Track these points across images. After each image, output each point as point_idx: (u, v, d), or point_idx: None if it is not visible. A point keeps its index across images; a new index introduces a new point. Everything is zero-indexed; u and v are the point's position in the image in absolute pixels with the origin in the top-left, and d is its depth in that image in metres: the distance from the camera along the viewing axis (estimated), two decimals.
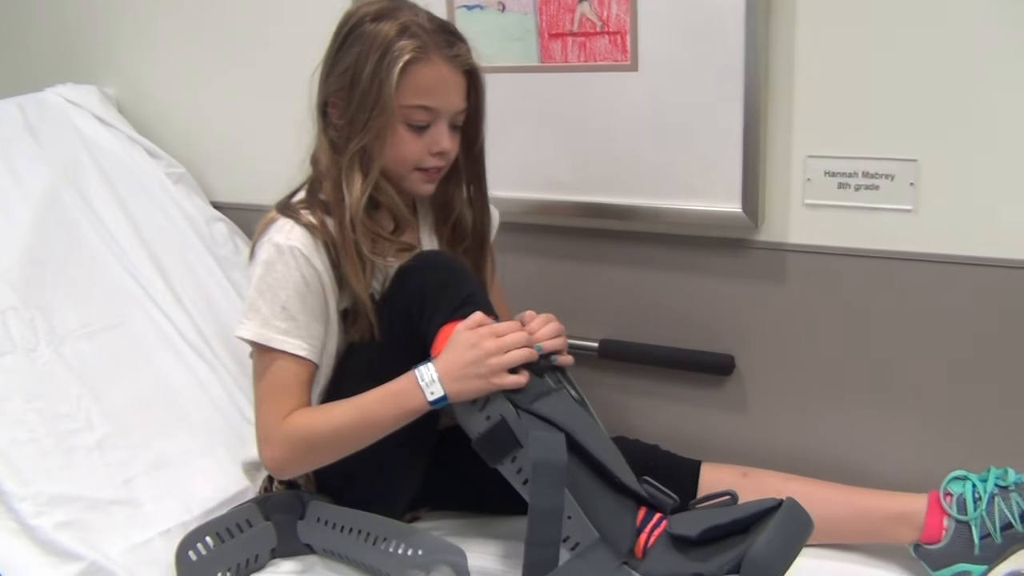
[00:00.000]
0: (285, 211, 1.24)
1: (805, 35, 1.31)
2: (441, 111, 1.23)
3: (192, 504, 1.38)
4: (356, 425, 1.17)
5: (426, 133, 1.23)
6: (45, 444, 1.36)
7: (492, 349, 1.12)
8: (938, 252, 1.32)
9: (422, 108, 1.21)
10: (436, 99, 1.22)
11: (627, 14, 1.38)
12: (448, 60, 1.21)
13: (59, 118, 1.86)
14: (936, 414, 1.38)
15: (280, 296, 1.20)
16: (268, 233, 1.23)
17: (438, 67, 1.21)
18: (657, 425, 1.58)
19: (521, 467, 1.13)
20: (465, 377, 1.12)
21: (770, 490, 1.26)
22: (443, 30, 1.23)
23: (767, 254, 1.43)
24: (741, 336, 1.49)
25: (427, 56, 1.19)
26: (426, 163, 1.25)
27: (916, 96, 1.27)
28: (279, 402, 1.21)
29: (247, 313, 1.22)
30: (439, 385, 1.13)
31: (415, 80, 1.19)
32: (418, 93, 1.20)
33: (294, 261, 1.19)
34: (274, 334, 1.20)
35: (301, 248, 1.20)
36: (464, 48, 1.24)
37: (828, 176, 1.35)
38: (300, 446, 1.20)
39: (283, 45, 1.75)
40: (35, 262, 1.58)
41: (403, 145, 1.23)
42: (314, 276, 1.21)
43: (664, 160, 1.44)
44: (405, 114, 1.21)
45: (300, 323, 1.21)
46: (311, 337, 1.22)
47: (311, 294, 1.21)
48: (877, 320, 1.38)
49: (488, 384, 1.12)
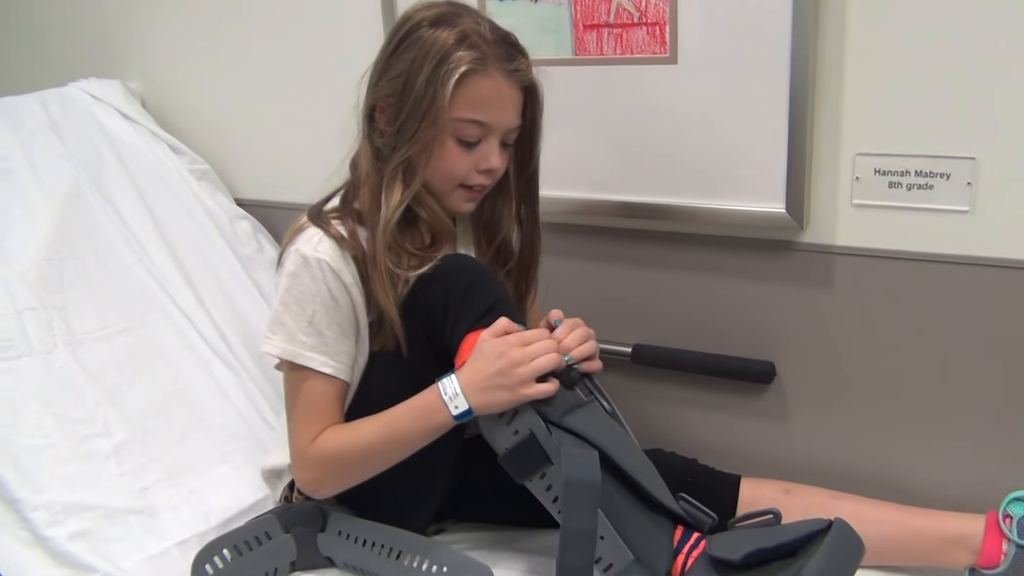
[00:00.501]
0: (316, 220, 1.19)
1: (856, 24, 1.24)
2: (494, 127, 1.17)
3: (210, 514, 1.35)
4: (384, 442, 1.13)
5: (476, 149, 1.18)
6: (61, 450, 1.33)
7: (519, 358, 1.06)
8: (996, 256, 1.24)
9: (475, 123, 1.15)
10: (490, 114, 1.16)
11: (666, 4, 1.31)
12: (507, 74, 1.15)
13: (82, 113, 1.83)
14: (994, 429, 1.30)
15: (307, 310, 1.15)
16: (296, 242, 1.18)
17: (496, 81, 1.14)
18: (692, 435, 1.52)
19: (551, 484, 1.07)
20: (490, 388, 1.06)
21: (815, 509, 1.22)
22: (504, 42, 1.17)
23: (812, 257, 1.36)
24: (783, 343, 1.43)
25: (485, 68, 1.13)
26: (472, 180, 1.20)
27: (975, 90, 1.20)
28: (310, 424, 1.18)
29: (272, 327, 1.17)
30: (463, 398, 1.07)
31: (471, 93, 1.13)
32: (472, 107, 1.14)
33: (321, 274, 1.14)
34: (301, 350, 1.16)
35: (329, 261, 1.15)
36: (524, 62, 1.18)
37: (878, 175, 1.28)
38: (331, 467, 1.17)
39: (311, 40, 1.71)
40: (54, 262, 1.55)
41: (450, 160, 1.17)
42: (342, 290, 1.16)
43: (703, 157, 1.37)
44: (456, 128, 1.15)
45: (327, 339, 1.16)
46: (339, 353, 1.17)
47: (339, 309, 1.16)
48: (929, 327, 1.31)
49: (515, 396, 1.06)
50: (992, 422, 1.30)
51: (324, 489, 1.20)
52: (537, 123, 1.23)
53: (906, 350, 1.33)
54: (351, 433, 1.16)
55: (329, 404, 1.18)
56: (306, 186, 1.80)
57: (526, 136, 1.24)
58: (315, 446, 1.16)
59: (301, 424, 1.18)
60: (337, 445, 1.16)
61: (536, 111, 1.22)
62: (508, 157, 1.23)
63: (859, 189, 1.30)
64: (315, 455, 1.16)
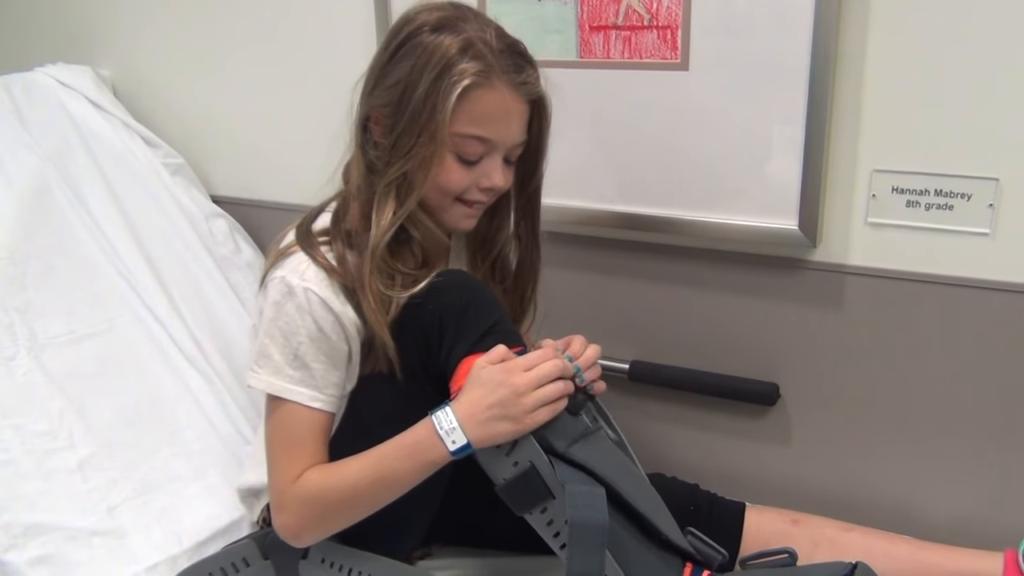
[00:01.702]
0: (304, 244, 1.10)
1: (878, 36, 1.18)
2: (498, 143, 1.09)
3: (183, 535, 1.27)
4: (373, 483, 1.04)
5: (477, 166, 1.10)
6: (22, 466, 1.24)
7: (522, 385, 0.98)
8: (1018, 281, 1.20)
9: (477, 139, 1.07)
10: (494, 130, 1.07)
11: (679, 7, 1.25)
12: (514, 87, 1.07)
13: (49, 101, 1.74)
14: (1010, 459, 1.26)
15: (292, 342, 1.07)
16: (281, 268, 1.09)
17: (501, 94, 1.06)
18: (691, 457, 1.47)
19: (552, 519, 1.00)
20: (491, 420, 0.98)
21: (824, 541, 1.19)
22: (512, 51, 1.08)
23: (824, 276, 1.31)
24: (787, 363, 1.38)
25: (490, 81, 1.04)
26: (471, 196, 1.12)
27: (1000, 108, 1.15)
28: (292, 460, 1.08)
29: (258, 360, 1.08)
30: (461, 432, 0.99)
31: (474, 107, 1.04)
32: (475, 122, 1.05)
33: (307, 304, 1.06)
34: (287, 384, 1.07)
35: (316, 290, 1.06)
36: (533, 74, 1.09)
37: (896, 193, 1.23)
38: (315, 509, 1.07)
39: (296, 30, 1.64)
40: (16, 260, 1.46)
41: (449, 176, 1.08)
42: (331, 321, 1.07)
43: (713, 169, 1.32)
44: (457, 143, 1.06)
45: (315, 372, 1.08)
46: (328, 386, 1.09)
47: (326, 340, 1.08)
48: (944, 353, 1.26)
49: (520, 426, 0.98)
50: (1008, 452, 1.26)
51: (305, 535, 1.10)
52: (544, 137, 1.15)
53: (919, 376, 1.29)
54: (338, 472, 1.06)
55: (313, 438, 1.09)
56: (286, 184, 1.75)
57: (531, 151, 1.16)
58: (297, 486, 1.07)
59: (282, 461, 1.09)
60: (321, 486, 1.06)
61: (543, 125, 1.14)
62: (511, 174, 1.15)
63: (875, 207, 1.25)
64: (297, 496, 1.07)
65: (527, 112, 1.11)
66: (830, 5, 1.16)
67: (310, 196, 1.20)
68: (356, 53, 1.54)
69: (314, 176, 1.19)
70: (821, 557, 1.16)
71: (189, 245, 1.66)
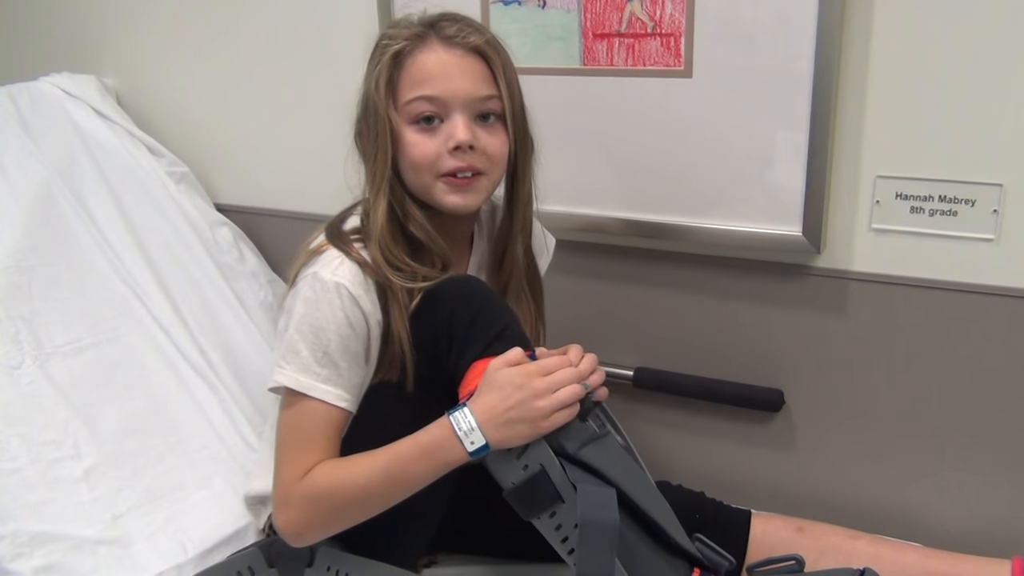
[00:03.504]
0: (336, 241, 1.10)
1: (881, 42, 1.19)
2: (447, 99, 1.07)
3: (188, 544, 1.26)
4: (385, 481, 1.03)
5: (439, 130, 1.09)
6: (28, 475, 1.24)
7: (541, 389, 0.98)
8: (1021, 287, 1.20)
9: (422, 99, 1.07)
10: (436, 86, 1.07)
11: (683, 15, 1.25)
12: (445, 41, 1.08)
13: (54, 110, 1.74)
14: (1016, 465, 1.26)
15: (322, 339, 1.06)
16: (314, 265, 1.09)
17: (434, 52, 1.08)
18: (696, 464, 1.47)
19: (561, 523, 1.00)
20: (510, 422, 0.98)
21: (831, 548, 1.19)
22: (441, 18, 1.11)
23: (827, 282, 1.31)
24: (792, 370, 1.37)
25: (419, 44, 1.08)
26: (445, 165, 1.09)
27: (1003, 113, 1.15)
28: (302, 456, 1.07)
29: (285, 356, 1.07)
30: (479, 433, 0.98)
31: (410, 73, 1.08)
32: (415, 85, 1.07)
33: (339, 300, 1.06)
34: (314, 382, 1.06)
35: (349, 287, 1.06)
36: (465, 27, 1.09)
37: (900, 199, 1.23)
38: (322, 507, 1.06)
39: (299, 39, 1.64)
40: (22, 269, 1.45)
41: (415, 149, 1.08)
42: (360, 318, 1.07)
43: (717, 176, 1.32)
44: (407, 113, 1.08)
45: (342, 370, 1.07)
46: (352, 387, 1.09)
47: (355, 337, 1.07)
48: (948, 359, 1.26)
49: (536, 429, 0.98)
50: (1015, 459, 1.26)
51: (308, 533, 1.09)
52: (512, 86, 1.12)
53: (922, 381, 1.29)
54: (348, 469, 1.06)
55: (327, 436, 1.08)
56: (291, 192, 1.75)
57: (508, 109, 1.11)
58: (306, 482, 1.06)
59: (292, 455, 1.08)
60: (331, 482, 1.05)
61: (508, 73, 1.11)
62: (496, 139, 1.12)
63: (879, 213, 1.25)
64: (304, 492, 1.06)
65: (477, 65, 1.09)
66: (833, 12, 1.16)
67: (314, 204, 1.21)
68: (359, 62, 1.52)
69: (318, 184, 1.20)
70: (827, 565, 1.16)
71: (193, 253, 1.66)
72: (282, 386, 1.08)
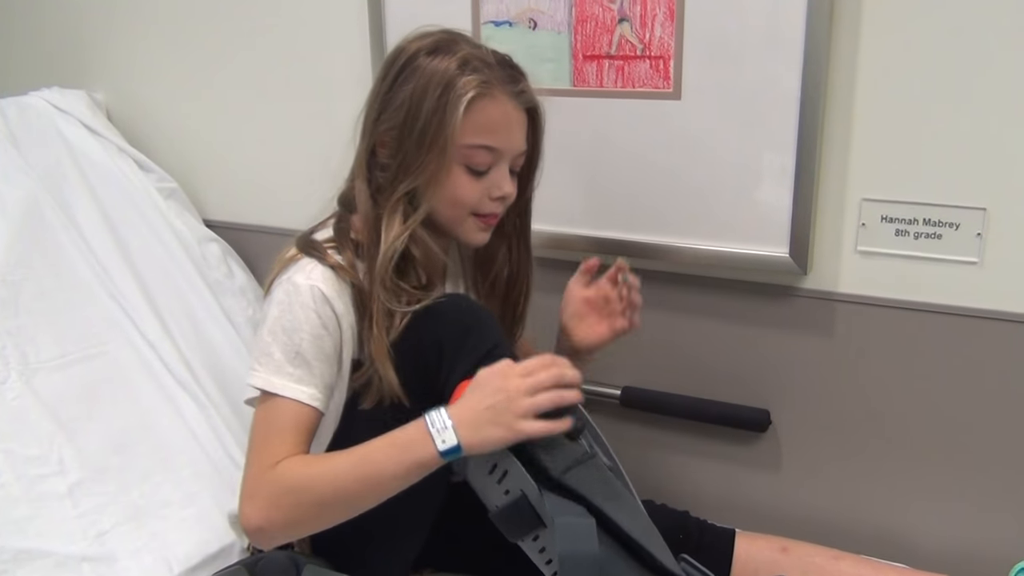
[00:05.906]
0: (309, 250, 1.11)
1: (868, 67, 1.20)
2: (504, 152, 1.12)
3: (173, 561, 1.25)
4: (357, 478, 1.00)
5: (485, 177, 1.12)
6: (12, 491, 1.23)
7: (514, 390, 0.97)
8: (1005, 310, 1.21)
9: (485, 148, 1.10)
10: (500, 139, 1.10)
11: (671, 37, 1.26)
12: (512, 96, 1.11)
13: (43, 124, 1.74)
14: (999, 487, 1.26)
15: (294, 340, 1.06)
16: (288, 272, 1.10)
17: (503, 104, 1.10)
18: (682, 483, 1.47)
19: (545, 546, 1.00)
20: (483, 424, 0.96)
21: (814, 569, 1.20)
22: (506, 64, 1.13)
23: (814, 303, 1.32)
24: (778, 390, 1.38)
25: (491, 92, 1.08)
26: (484, 208, 1.14)
27: (987, 139, 1.16)
28: (270, 448, 1.04)
29: (259, 359, 1.08)
30: (452, 432, 0.97)
31: (479, 118, 1.08)
32: (481, 132, 1.09)
33: (312, 302, 1.07)
34: (286, 382, 1.06)
35: (322, 287, 1.07)
36: (527, 84, 1.13)
37: (885, 222, 1.24)
38: (287, 500, 1.02)
39: (289, 55, 1.64)
40: (8, 283, 1.45)
41: (460, 189, 1.11)
42: (332, 318, 1.08)
43: (704, 197, 1.33)
44: (466, 155, 1.09)
45: (314, 369, 1.07)
46: (324, 386, 1.09)
47: (328, 336, 1.08)
48: (933, 381, 1.27)
49: (511, 432, 0.96)
50: (997, 479, 1.26)
51: (271, 530, 1.03)
52: (539, 147, 1.19)
53: (908, 403, 1.29)
54: (318, 464, 1.03)
55: (298, 432, 1.06)
56: (279, 209, 1.75)
57: (527, 162, 1.19)
58: (273, 473, 1.01)
59: (260, 449, 1.05)
60: (299, 474, 1.02)
61: (539, 135, 1.18)
62: (515, 185, 1.17)
63: (864, 236, 1.26)
64: (271, 485, 1.01)
65: (526, 121, 1.15)
66: (820, 35, 1.18)
67: (304, 221, 1.20)
68: (351, 79, 1.55)
69: (307, 201, 1.20)
70: None
71: (182, 269, 1.65)
72: (256, 388, 1.08)
